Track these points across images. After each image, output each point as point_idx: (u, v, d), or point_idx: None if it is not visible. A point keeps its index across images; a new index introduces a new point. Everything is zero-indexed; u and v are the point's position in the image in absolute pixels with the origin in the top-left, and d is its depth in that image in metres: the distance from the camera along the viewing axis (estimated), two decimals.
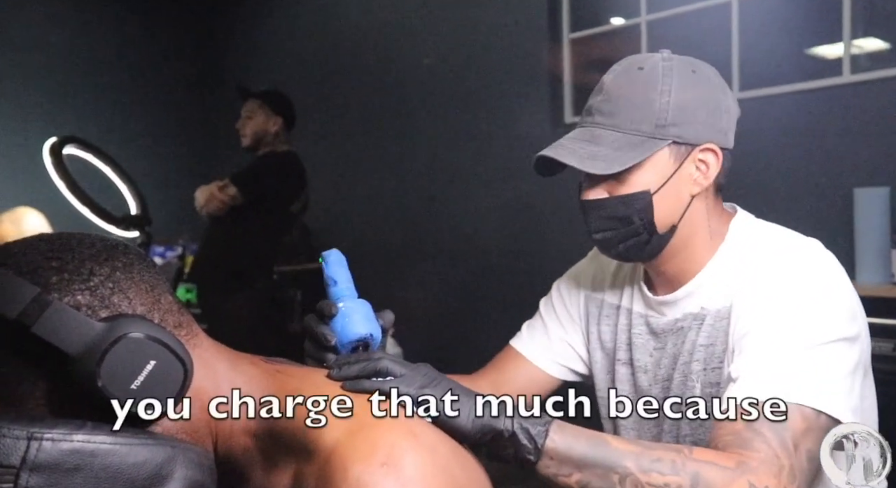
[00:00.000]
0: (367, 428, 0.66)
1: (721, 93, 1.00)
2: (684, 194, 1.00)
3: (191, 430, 0.67)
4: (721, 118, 1.00)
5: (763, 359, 0.88)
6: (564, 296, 1.22)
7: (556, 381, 1.21)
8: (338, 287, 0.86)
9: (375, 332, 0.84)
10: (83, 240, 0.65)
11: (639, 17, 3.22)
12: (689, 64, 1.01)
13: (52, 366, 0.59)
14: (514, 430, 0.74)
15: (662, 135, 0.97)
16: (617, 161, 0.96)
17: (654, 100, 0.97)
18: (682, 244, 1.02)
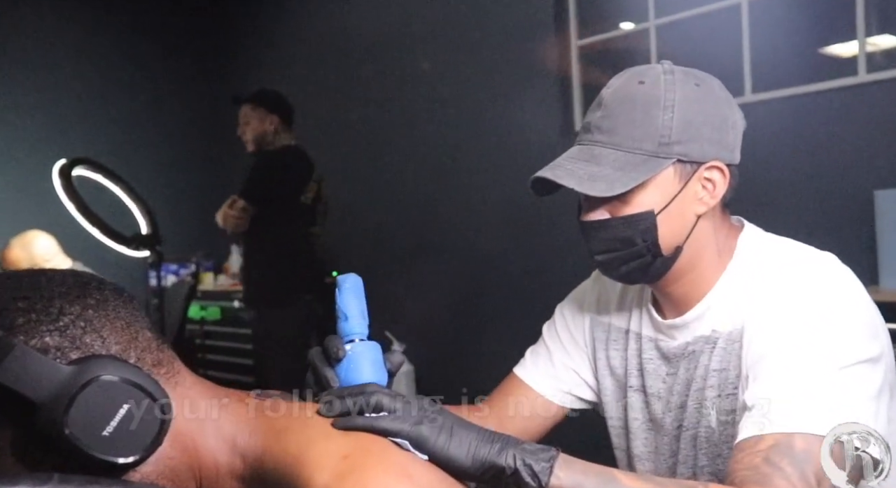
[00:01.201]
0: (359, 470, 0.62)
1: (727, 107, 0.95)
2: (690, 214, 0.95)
3: (172, 476, 0.64)
4: (727, 133, 0.94)
5: (779, 387, 0.83)
6: (568, 321, 1.17)
7: (563, 410, 1.15)
8: (348, 323, 0.80)
9: (381, 380, 0.78)
10: (53, 278, 0.62)
11: (647, 21, 3.18)
12: (692, 76, 0.95)
13: (18, 414, 0.56)
14: (516, 467, 0.69)
15: (666, 154, 0.92)
16: (618, 182, 0.91)
17: (657, 116, 0.92)
18: (688, 265, 0.97)
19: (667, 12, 3.12)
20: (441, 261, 3.97)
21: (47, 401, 0.55)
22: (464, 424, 0.72)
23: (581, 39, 3.39)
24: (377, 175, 4.33)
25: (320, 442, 0.65)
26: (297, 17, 4.89)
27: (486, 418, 1.13)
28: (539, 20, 3.52)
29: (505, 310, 3.49)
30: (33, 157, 4.23)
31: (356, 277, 0.83)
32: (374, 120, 4.34)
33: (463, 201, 3.81)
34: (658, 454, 1.05)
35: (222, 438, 0.67)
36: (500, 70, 3.66)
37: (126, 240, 3.30)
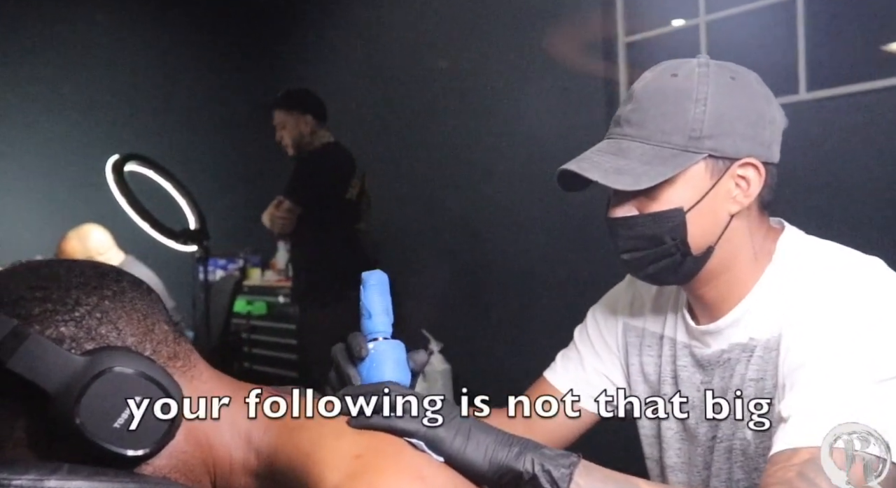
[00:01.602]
0: (371, 471, 0.61)
1: (764, 102, 0.91)
2: (722, 213, 0.91)
3: (186, 470, 0.63)
4: (764, 129, 0.90)
5: (817, 397, 0.78)
6: (600, 325, 1.14)
7: (594, 416, 1.12)
8: (372, 320, 0.79)
9: (403, 380, 0.77)
10: (72, 269, 0.62)
11: (697, 17, 3.10)
12: (728, 70, 0.92)
13: (31, 404, 0.56)
14: (534, 473, 0.67)
15: (697, 148, 0.88)
16: (645, 175, 0.88)
17: (688, 109, 0.88)
18: (721, 267, 0.93)
19: (718, 7, 3.04)
20: (482, 260, 3.95)
21: (60, 391, 0.55)
22: (482, 427, 0.70)
23: (628, 36, 3.32)
24: (422, 174, 4.33)
25: (333, 441, 0.64)
26: (341, 20, 4.94)
27: (514, 421, 1.11)
28: (585, 18, 3.47)
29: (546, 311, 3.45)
30: (88, 153, 4.36)
31: (381, 274, 0.82)
32: (415, 119, 4.34)
33: (507, 202, 3.78)
34: (691, 465, 1.01)
35: (238, 433, 0.67)
36: (543, 68, 3.62)
37: (174, 234, 3.37)
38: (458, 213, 4.11)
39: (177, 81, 5.13)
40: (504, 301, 3.86)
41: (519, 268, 3.77)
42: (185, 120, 5.13)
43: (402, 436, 0.67)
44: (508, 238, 3.82)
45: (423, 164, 4.33)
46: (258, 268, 4.98)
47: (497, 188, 3.85)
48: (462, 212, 4.09)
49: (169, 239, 3.32)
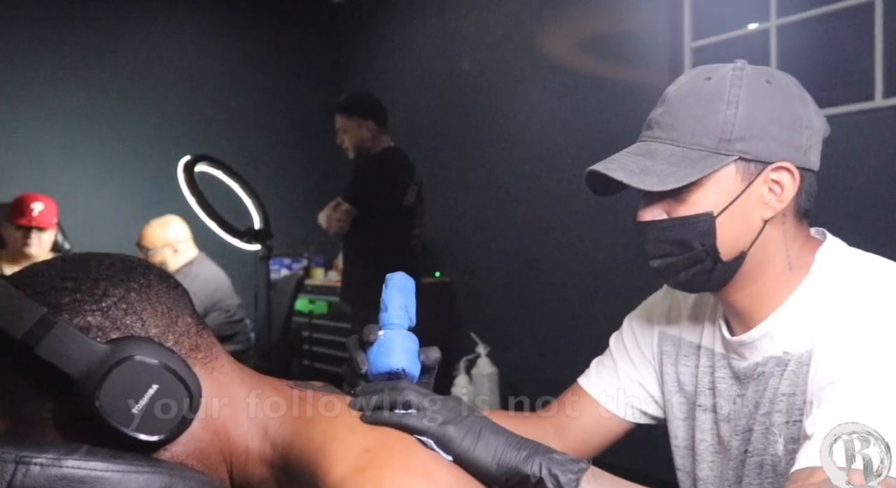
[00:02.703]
0: (378, 466, 0.62)
1: (801, 106, 0.88)
2: (754, 218, 0.88)
3: (203, 457, 0.66)
4: (800, 134, 0.87)
5: (840, 416, 0.75)
6: (636, 333, 1.12)
7: (626, 424, 1.11)
8: (387, 313, 0.80)
9: (410, 368, 0.77)
10: (102, 261, 0.65)
11: (768, 21, 3.00)
12: (763, 73, 0.89)
13: (58, 388, 0.59)
14: (541, 476, 0.67)
15: (727, 151, 0.86)
16: (672, 177, 0.86)
17: (720, 111, 0.86)
18: (754, 274, 0.90)
19: (790, 11, 2.94)
20: (534, 265, 3.93)
21: (83, 377, 0.58)
22: (493, 428, 0.71)
23: (695, 41, 3.25)
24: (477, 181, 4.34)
25: (344, 435, 0.66)
26: (409, 28, 5.00)
27: (545, 428, 1.11)
28: (652, 22, 3.41)
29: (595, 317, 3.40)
30: (164, 152, 4.55)
31: (405, 275, 0.84)
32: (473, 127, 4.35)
33: (561, 209, 3.75)
34: (723, 479, 0.98)
35: (255, 425, 0.69)
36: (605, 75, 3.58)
37: (240, 233, 3.47)
38: (511, 219, 4.10)
39: (249, 86, 5.29)
40: (554, 307, 3.82)
41: (570, 274, 3.74)
42: (256, 122, 5.29)
43: (413, 434, 0.68)
44: (561, 244, 3.79)
45: (479, 172, 4.34)
46: (321, 268, 5.07)
47: (552, 196, 3.82)
48: (514, 219, 4.08)
49: (234, 237, 3.42)
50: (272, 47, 5.41)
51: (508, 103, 4.15)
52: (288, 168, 5.33)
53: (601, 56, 3.64)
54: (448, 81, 4.61)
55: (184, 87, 5.03)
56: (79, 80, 4.67)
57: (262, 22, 5.37)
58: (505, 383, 2.99)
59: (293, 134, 5.42)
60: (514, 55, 4.13)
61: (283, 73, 5.41)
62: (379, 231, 3.09)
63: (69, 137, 4.64)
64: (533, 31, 4.01)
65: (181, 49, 5.05)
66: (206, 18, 5.23)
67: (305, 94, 5.44)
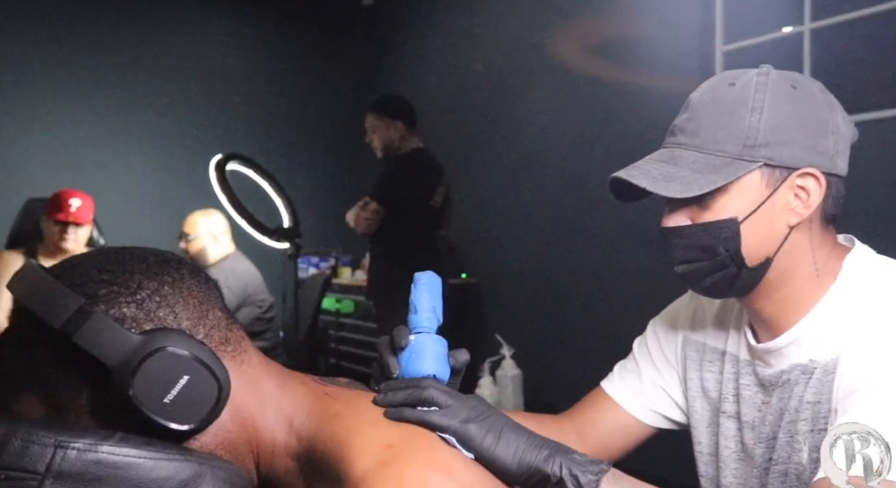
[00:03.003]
0: (400, 461, 0.63)
1: (827, 111, 0.87)
2: (780, 224, 0.88)
3: (230, 448, 0.68)
4: (826, 139, 0.86)
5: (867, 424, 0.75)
6: (660, 337, 1.12)
7: (648, 429, 1.11)
8: (417, 315, 0.81)
9: (441, 373, 0.79)
10: (137, 255, 0.68)
11: (802, 25, 2.97)
12: (789, 79, 0.89)
13: (94, 376, 0.61)
14: (562, 476, 0.68)
15: (751, 157, 0.86)
16: (695, 183, 0.86)
17: (744, 117, 0.86)
18: (780, 281, 0.90)
19: (825, 15, 2.90)
20: (559, 268, 3.92)
21: (118, 366, 0.60)
22: (514, 427, 0.72)
23: (727, 45, 3.22)
24: (506, 182, 4.34)
25: (368, 430, 0.67)
26: (439, 30, 5.02)
27: (566, 430, 1.11)
28: (683, 26, 3.39)
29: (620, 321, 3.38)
30: (196, 151, 4.62)
31: (433, 275, 0.85)
32: (502, 129, 4.36)
33: (589, 212, 3.74)
34: (746, 487, 0.98)
35: (281, 417, 0.70)
36: (636, 78, 3.56)
37: (269, 231, 3.52)
38: (538, 222, 4.10)
39: (280, 86, 5.36)
40: (579, 309, 3.81)
41: (596, 277, 3.72)
42: (287, 122, 5.35)
43: (435, 431, 0.70)
44: (587, 247, 3.78)
45: (508, 174, 4.34)
46: (348, 268, 5.11)
47: (578, 199, 3.81)
48: (543, 221, 4.07)
49: (263, 235, 3.47)
50: (303, 48, 5.47)
51: (535, 106, 4.15)
52: (318, 167, 5.39)
53: (631, 60, 3.62)
54: (476, 83, 4.62)
55: (217, 87, 5.11)
56: (116, 79, 4.77)
57: (294, 23, 5.43)
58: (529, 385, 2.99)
59: (323, 134, 5.48)
60: (541, 58, 4.13)
61: (313, 73, 5.47)
62: (406, 231, 3.11)
63: (105, 135, 4.74)
64: (562, 34, 4.01)
65: (215, 50, 5.14)
66: (239, 19, 5.30)
67: (336, 95, 5.49)
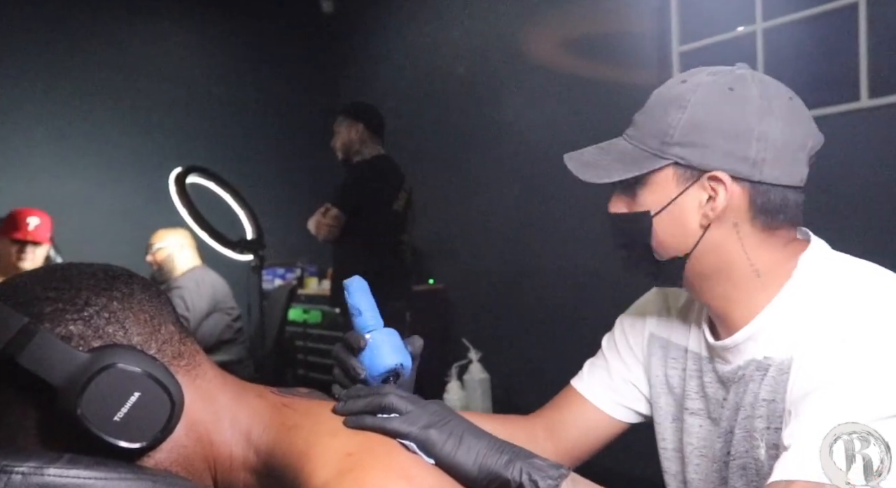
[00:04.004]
0: (360, 469, 0.63)
1: (756, 117, 0.86)
2: (691, 223, 0.89)
3: (186, 464, 0.66)
4: (747, 146, 0.86)
5: (817, 430, 0.73)
6: (628, 333, 1.13)
7: (620, 424, 1.11)
8: (363, 317, 0.84)
9: (405, 361, 0.82)
10: (85, 271, 0.66)
11: (754, 24, 3.03)
12: (736, 80, 0.88)
13: (41, 397, 0.60)
14: (521, 481, 0.67)
15: (664, 154, 0.89)
16: (607, 172, 0.91)
17: (670, 114, 0.88)
18: (716, 278, 0.91)
19: (776, 14, 2.96)
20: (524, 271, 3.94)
21: (65, 385, 0.59)
22: (475, 432, 0.71)
23: (683, 45, 3.27)
24: (467, 186, 4.35)
25: (327, 440, 0.66)
26: (399, 38, 5.02)
27: (536, 430, 1.11)
28: (641, 27, 3.43)
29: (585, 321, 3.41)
30: (155, 163, 4.54)
31: (361, 279, 0.87)
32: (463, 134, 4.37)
33: (549, 214, 3.77)
34: (708, 482, 0.99)
35: (238, 431, 0.69)
36: (594, 80, 3.60)
37: (232, 243, 3.49)
38: (500, 225, 4.11)
39: (240, 97, 5.30)
40: (544, 311, 3.83)
41: (561, 278, 3.75)
42: (249, 133, 5.29)
43: (396, 437, 0.69)
44: (552, 249, 3.80)
45: (471, 178, 4.36)
46: (315, 278, 5.07)
47: (542, 201, 3.84)
48: (505, 224, 4.09)
49: (226, 247, 3.43)
50: (263, 58, 5.42)
51: (498, 108, 4.17)
52: (281, 178, 5.33)
53: (591, 61, 3.66)
54: (439, 88, 4.62)
55: (175, 99, 5.03)
56: (70, 91, 4.67)
57: (254, 32, 5.38)
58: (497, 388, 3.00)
59: (286, 144, 5.43)
60: (503, 60, 4.15)
61: (274, 83, 5.42)
62: (368, 236, 3.10)
63: (60, 149, 4.63)
64: (522, 36, 4.03)
65: (172, 60, 5.06)
66: (198, 29, 5.23)
67: (297, 105, 5.45)
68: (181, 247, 3.59)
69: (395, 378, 0.82)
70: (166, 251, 3.56)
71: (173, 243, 3.58)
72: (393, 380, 0.82)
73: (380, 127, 3.27)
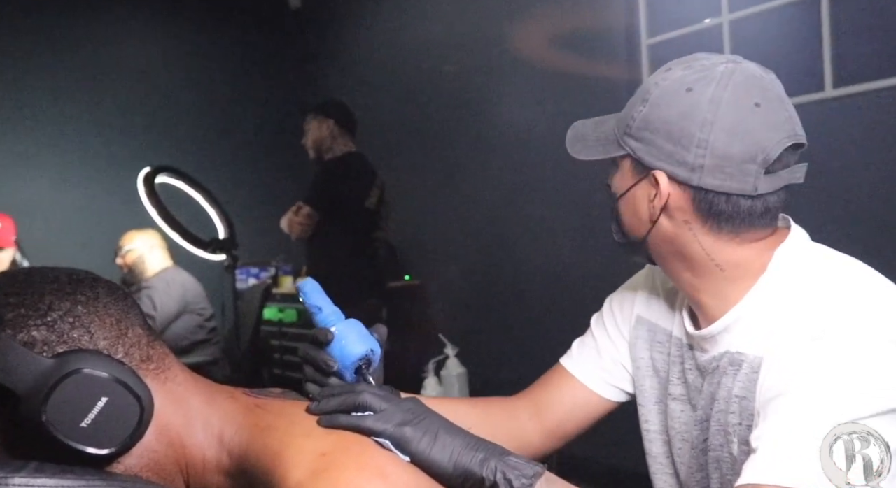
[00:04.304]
0: (334, 468, 0.62)
1: (699, 123, 0.84)
2: (642, 213, 0.92)
3: (157, 468, 0.65)
4: (686, 151, 0.85)
5: (785, 433, 0.73)
6: (616, 313, 1.13)
7: (607, 403, 1.11)
8: (323, 313, 0.85)
9: (375, 347, 0.83)
10: (48, 275, 0.65)
11: (720, 16, 3.06)
12: (697, 80, 0.86)
13: (4, 405, 0.58)
14: (495, 480, 0.68)
15: (623, 144, 0.92)
16: (585, 150, 0.95)
17: (636, 105, 0.91)
18: (679, 266, 0.93)
19: (741, 6, 3.00)
20: (500, 265, 3.95)
21: (29, 392, 0.57)
22: (450, 429, 0.71)
23: (651, 38, 3.29)
24: (441, 182, 4.35)
25: (300, 440, 0.66)
26: (369, 33, 4.99)
27: (518, 409, 1.11)
28: (608, 21, 3.45)
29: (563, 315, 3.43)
30: (123, 163, 4.47)
31: (312, 280, 0.89)
32: (437, 129, 4.37)
33: (525, 208, 3.78)
34: (689, 467, 0.99)
35: (211, 433, 0.68)
36: (565, 74, 3.61)
37: (204, 244, 3.45)
38: (476, 220, 4.12)
39: (210, 95, 5.24)
40: (521, 305, 3.85)
41: (536, 272, 3.76)
42: (219, 131, 5.24)
43: (371, 436, 0.69)
44: (528, 244, 3.81)
45: (446, 174, 4.35)
46: (289, 277, 5.04)
47: (515, 195, 3.85)
48: (480, 219, 4.09)
49: (198, 248, 3.40)
50: (232, 55, 5.36)
51: (472, 103, 4.17)
52: (252, 177, 5.28)
53: (562, 54, 3.67)
54: (412, 83, 4.61)
55: (143, 97, 4.96)
56: (34, 89, 4.58)
57: (222, 30, 5.32)
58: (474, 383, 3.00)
59: (257, 142, 5.38)
60: (475, 55, 4.15)
61: (244, 81, 5.37)
62: (341, 233, 3.09)
63: (24, 149, 4.54)
64: (492, 29, 4.03)
65: (140, 58, 4.98)
66: (165, 27, 5.16)
67: (268, 102, 5.40)
68: (151, 249, 3.55)
69: (366, 365, 0.82)
70: (136, 253, 3.52)
71: (142, 245, 3.55)
72: (365, 368, 0.82)
73: (350, 123, 3.25)
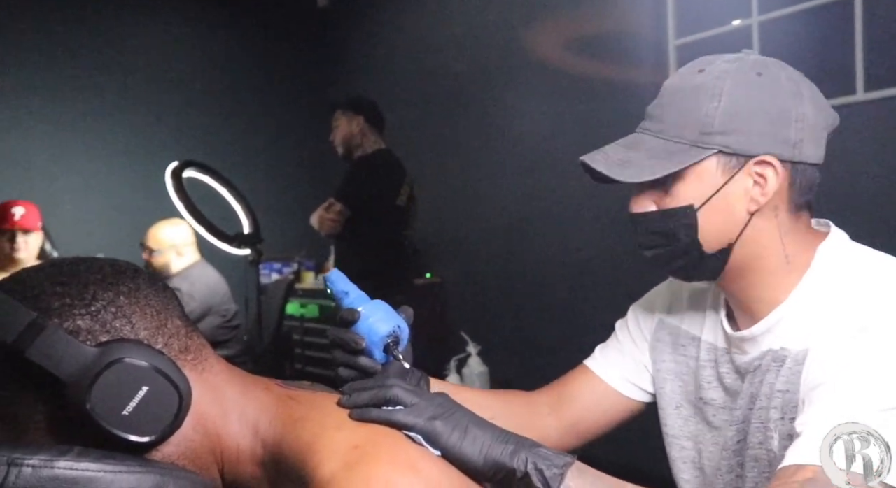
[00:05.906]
0: (366, 461, 0.63)
1: (790, 99, 0.87)
2: (739, 211, 0.89)
3: (194, 457, 0.67)
4: (787, 128, 0.87)
5: (828, 416, 0.75)
6: (640, 319, 1.13)
7: (628, 402, 1.11)
8: (350, 296, 0.85)
9: (402, 324, 0.84)
10: (91, 266, 0.66)
11: (750, 18, 3.03)
12: (757, 65, 0.89)
13: (50, 391, 0.60)
14: (527, 470, 0.68)
15: (706, 144, 0.87)
16: (648, 169, 0.88)
17: (703, 104, 0.87)
18: (748, 267, 0.91)
19: (772, 7, 2.97)
20: (523, 264, 3.94)
21: (73, 379, 0.59)
22: (480, 423, 0.72)
23: (679, 39, 3.27)
24: (467, 179, 4.36)
25: (333, 432, 0.67)
26: (394, 32, 5.01)
27: (538, 405, 1.11)
28: (637, 21, 3.44)
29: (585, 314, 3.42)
30: (152, 158, 4.53)
31: (337, 270, 0.89)
32: (462, 127, 4.37)
33: (549, 206, 3.77)
34: (718, 470, 0.99)
35: (245, 424, 0.70)
36: (593, 72, 3.60)
37: (229, 238, 3.48)
38: (501, 220, 4.12)
39: (237, 91, 5.29)
40: (544, 305, 3.84)
41: (558, 271, 3.75)
42: (245, 127, 5.28)
43: (402, 430, 0.70)
44: (551, 243, 3.81)
45: (469, 172, 4.36)
46: (312, 272, 5.07)
47: (541, 194, 3.84)
48: (506, 218, 4.09)
49: (223, 242, 3.43)
50: (260, 52, 5.41)
51: (496, 103, 4.17)
52: (277, 172, 5.33)
53: (588, 55, 3.66)
54: (437, 82, 4.62)
55: (172, 93, 5.02)
56: (66, 85, 4.65)
57: (250, 27, 5.37)
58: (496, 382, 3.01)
59: (282, 138, 5.42)
60: (500, 55, 4.15)
61: (271, 77, 5.41)
62: (371, 231, 3.09)
63: (56, 144, 4.62)
64: (519, 32, 4.03)
65: (169, 54, 5.04)
66: (194, 24, 5.21)
67: (294, 98, 5.43)
68: (176, 251, 3.46)
69: (394, 343, 0.83)
70: (162, 260, 3.40)
71: (167, 246, 3.41)
72: (393, 345, 0.83)
73: (380, 120, 3.26)
